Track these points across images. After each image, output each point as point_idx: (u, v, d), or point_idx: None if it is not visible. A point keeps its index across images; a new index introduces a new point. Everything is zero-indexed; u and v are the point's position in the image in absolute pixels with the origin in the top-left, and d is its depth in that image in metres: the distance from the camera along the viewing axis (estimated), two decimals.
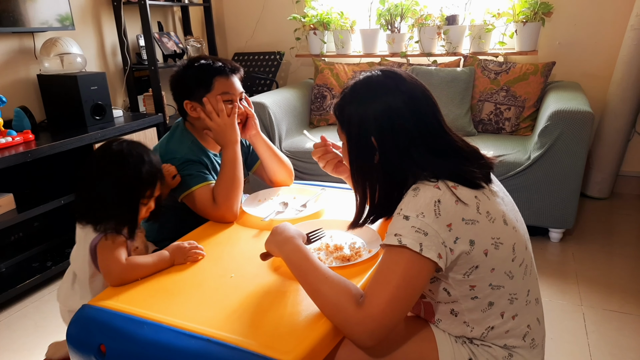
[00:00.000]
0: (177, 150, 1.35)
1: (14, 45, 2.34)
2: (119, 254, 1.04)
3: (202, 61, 1.36)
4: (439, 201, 0.82)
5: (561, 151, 2.13)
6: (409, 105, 0.89)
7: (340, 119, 0.96)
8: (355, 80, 0.95)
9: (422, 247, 0.80)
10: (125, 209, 1.07)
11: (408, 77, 0.93)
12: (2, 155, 1.89)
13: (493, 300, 0.88)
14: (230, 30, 3.66)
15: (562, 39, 2.77)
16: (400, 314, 0.82)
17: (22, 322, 1.89)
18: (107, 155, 1.09)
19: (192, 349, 0.80)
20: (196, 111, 1.36)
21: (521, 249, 0.90)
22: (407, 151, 0.89)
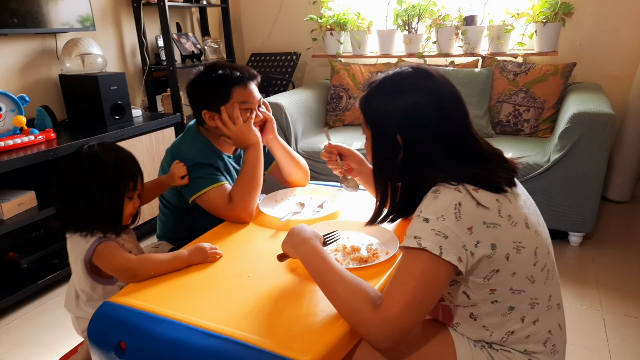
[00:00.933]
0: (188, 153, 1.36)
1: (36, 46, 2.39)
2: (123, 252, 1.06)
3: (220, 71, 1.34)
4: (460, 204, 0.81)
5: (581, 153, 2.09)
6: (436, 105, 0.88)
7: (366, 113, 0.95)
8: (384, 75, 0.94)
9: (442, 250, 0.79)
10: (112, 206, 1.07)
11: (438, 76, 0.92)
12: (25, 153, 1.93)
13: (513, 305, 0.87)
14: (247, 30, 3.68)
15: (582, 39, 2.73)
16: (417, 317, 0.81)
17: (41, 317, 1.92)
18: (82, 159, 1.08)
19: (210, 347, 0.81)
20: (214, 120, 1.36)
21: (543, 253, 0.89)
22: (430, 151, 0.88)
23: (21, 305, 2.00)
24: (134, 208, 1.14)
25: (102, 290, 1.12)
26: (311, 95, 3.02)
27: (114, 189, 1.08)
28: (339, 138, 2.72)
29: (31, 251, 2.21)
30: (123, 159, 1.12)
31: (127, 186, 1.10)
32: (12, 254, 2.18)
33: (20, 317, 1.93)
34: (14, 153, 1.93)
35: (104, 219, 1.07)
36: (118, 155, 1.12)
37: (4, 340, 1.79)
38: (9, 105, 2.07)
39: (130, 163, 1.13)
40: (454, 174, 0.86)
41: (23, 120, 2.06)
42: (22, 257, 2.16)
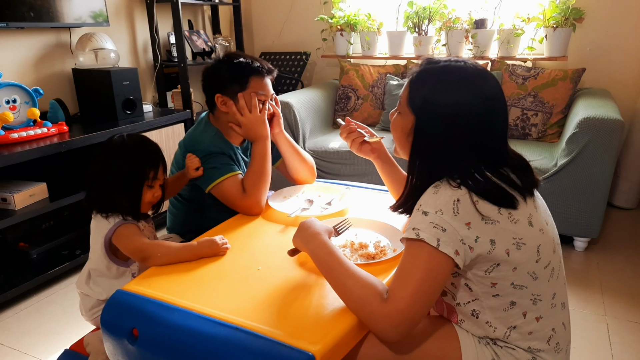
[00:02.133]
0: (201, 143, 1.38)
1: (51, 40, 2.43)
2: (140, 236, 1.12)
3: (241, 59, 1.38)
4: (458, 200, 0.83)
5: (589, 159, 2.10)
6: (487, 110, 0.88)
7: (415, 91, 0.93)
8: (447, 63, 0.92)
9: (439, 242, 0.82)
10: (131, 192, 1.13)
11: (495, 80, 0.92)
12: (38, 145, 1.96)
13: (515, 300, 0.89)
14: (258, 29, 3.70)
15: (592, 45, 2.73)
16: (425, 307, 0.83)
17: (51, 307, 1.95)
18: (110, 147, 1.16)
19: (221, 335, 0.83)
20: (226, 105, 1.38)
21: (547, 251, 0.90)
22: (466, 149, 0.88)
23: (31, 294, 2.03)
24: (153, 197, 1.19)
25: (115, 271, 1.16)
26: (320, 95, 3.04)
27: (134, 176, 1.13)
28: None
29: (41, 242, 2.24)
30: (146, 149, 1.17)
31: (147, 175, 1.15)
32: (22, 244, 2.21)
33: (30, 307, 1.96)
34: (27, 144, 1.97)
35: (123, 203, 1.13)
36: (142, 145, 1.18)
37: (14, 329, 1.82)
38: (24, 97, 2.10)
39: (153, 153, 1.18)
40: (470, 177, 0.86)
41: (37, 113, 2.09)
42: (32, 248, 2.19)
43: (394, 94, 2.87)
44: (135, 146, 1.16)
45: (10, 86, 2.05)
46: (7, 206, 1.96)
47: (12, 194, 1.95)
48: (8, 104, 2.05)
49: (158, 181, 1.18)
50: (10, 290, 1.92)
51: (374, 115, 3.04)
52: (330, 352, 0.80)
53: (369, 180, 2.38)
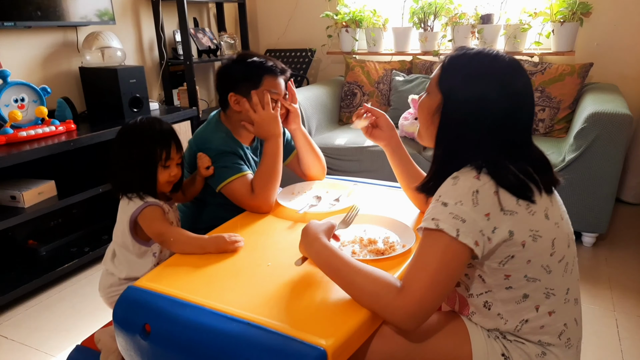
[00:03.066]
0: (212, 141, 1.38)
1: (58, 39, 2.44)
2: (163, 219, 1.18)
3: (255, 58, 1.38)
4: (477, 191, 0.83)
5: (597, 154, 2.09)
6: (513, 103, 0.88)
7: (445, 74, 0.93)
8: (480, 51, 0.92)
9: (458, 232, 0.82)
10: (145, 172, 1.19)
11: (525, 75, 0.91)
12: (46, 143, 1.97)
13: (528, 293, 0.89)
14: (263, 26, 3.70)
15: (600, 39, 2.71)
16: (440, 297, 0.84)
17: (60, 304, 1.97)
18: (125, 129, 1.23)
19: (233, 331, 0.83)
20: (239, 104, 1.38)
21: (562, 245, 0.90)
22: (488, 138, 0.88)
23: (40, 291, 2.05)
24: (170, 176, 1.23)
25: (138, 250, 1.20)
26: (325, 91, 3.04)
27: (146, 158, 1.19)
28: (351, 135, 2.74)
29: (50, 239, 2.26)
30: (156, 131, 1.21)
31: (160, 156, 1.20)
32: (31, 241, 2.23)
33: (40, 303, 1.97)
34: (35, 143, 1.98)
35: (139, 184, 1.19)
36: (152, 127, 1.22)
37: (24, 325, 1.83)
38: (32, 96, 2.11)
39: (163, 134, 1.22)
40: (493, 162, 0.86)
41: (45, 111, 2.11)
42: (41, 245, 2.21)
43: (400, 90, 2.87)
44: (145, 129, 1.21)
45: (18, 85, 2.06)
46: (16, 204, 1.98)
47: (21, 191, 1.97)
48: (16, 103, 2.06)
49: (172, 161, 1.23)
50: (20, 287, 1.93)
51: None
52: (342, 347, 0.80)
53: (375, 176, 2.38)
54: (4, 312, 1.91)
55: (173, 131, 1.25)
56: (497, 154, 0.88)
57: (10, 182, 2.08)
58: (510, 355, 0.91)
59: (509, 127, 0.89)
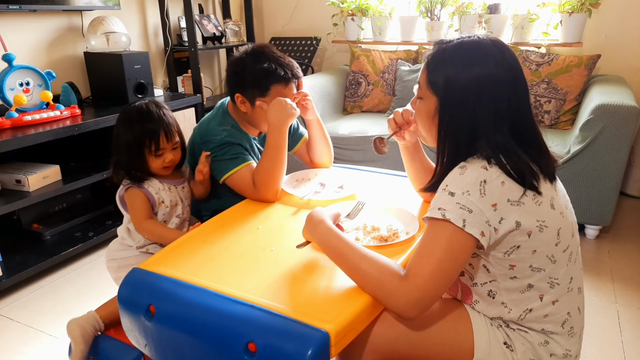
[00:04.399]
0: (217, 132, 1.37)
1: (63, 23, 2.43)
2: (140, 207, 1.25)
3: (265, 64, 1.31)
4: (485, 181, 0.83)
5: (603, 146, 2.08)
6: (511, 79, 0.87)
7: (435, 72, 0.92)
8: (460, 40, 0.91)
9: (465, 223, 0.82)
10: (133, 157, 1.24)
11: (510, 49, 0.91)
12: (51, 127, 1.98)
13: (533, 283, 0.89)
14: (268, 14, 3.68)
15: (608, 31, 2.68)
16: (443, 286, 0.84)
17: (65, 287, 1.99)
18: (121, 113, 1.29)
19: (237, 313, 0.84)
20: (245, 106, 1.37)
21: (567, 235, 0.90)
22: (496, 123, 0.87)
23: (45, 275, 2.07)
24: (165, 162, 1.28)
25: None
26: (330, 80, 3.02)
27: (133, 144, 1.24)
28: (356, 124, 2.73)
29: (54, 224, 2.27)
30: (147, 120, 1.25)
31: (149, 146, 1.24)
32: (36, 225, 2.24)
33: (45, 286, 1.99)
34: (40, 127, 1.98)
35: (127, 165, 1.26)
36: (143, 116, 1.26)
37: (29, 308, 1.85)
38: (37, 80, 2.11)
39: (155, 124, 1.25)
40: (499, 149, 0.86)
41: (50, 96, 2.11)
42: (46, 229, 2.22)
43: (405, 80, 2.85)
44: (135, 115, 1.25)
45: (23, 69, 2.06)
46: (21, 188, 1.99)
47: (26, 175, 1.98)
48: (22, 87, 2.06)
49: (165, 150, 1.27)
50: (26, 270, 1.95)
51: (384, 101, 3.02)
52: (344, 330, 0.81)
53: (379, 165, 2.38)
54: (10, 295, 1.93)
55: (163, 120, 1.26)
56: (505, 141, 0.87)
57: (16, 166, 2.08)
58: (512, 344, 0.91)
59: (513, 107, 0.88)
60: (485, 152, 0.86)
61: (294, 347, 0.77)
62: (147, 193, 1.27)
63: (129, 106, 1.28)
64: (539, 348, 0.91)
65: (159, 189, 1.29)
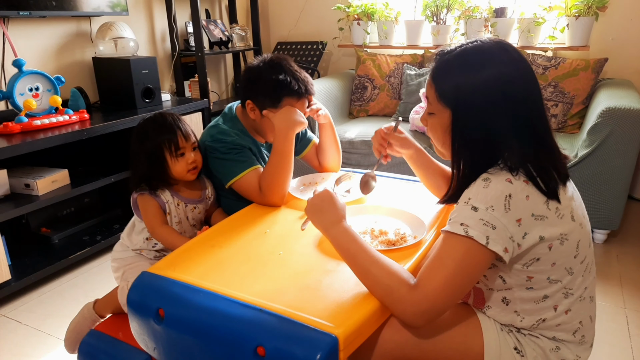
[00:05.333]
0: (228, 134, 1.38)
1: (72, 29, 2.46)
2: (152, 213, 1.29)
3: (280, 76, 1.32)
4: (510, 196, 0.81)
5: (610, 150, 2.07)
6: (521, 75, 0.85)
7: (443, 85, 0.89)
8: (463, 47, 0.89)
9: (488, 240, 0.80)
10: (153, 164, 1.28)
11: (513, 46, 0.89)
12: (60, 132, 1.99)
13: (548, 294, 0.88)
14: (275, 19, 3.70)
15: (616, 34, 2.67)
16: (454, 299, 0.83)
17: (72, 290, 2.00)
18: (136, 127, 1.33)
19: (245, 317, 0.84)
20: (254, 113, 1.38)
21: (585, 245, 0.89)
22: (511, 128, 0.84)
23: (53, 278, 2.08)
24: (188, 164, 1.30)
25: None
26: (336, 84, 3.03)
27: (154, 149, 1.27)
28: (362, 128, 2.73)
29: (63, 227, 2.29)
30: (161, 123, 1.29)
31: (168, 146, 1.27)
32: (44, 229, 2.26)
33: (52, 290, 2.00)
34: (49, 131, 2.00)
35: (148, 176, 1.29)
36: (158, 120, 1.30)
37: (38, 311, 1.86)
38: (46, 85, 2.13)
39: (169, 125, 1.29)
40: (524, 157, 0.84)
41: (59, 101, 2.13)
42: (54, 233, 2.24)
43: (411, 84, 2.85)
44: (149, 124, 1.30)
45: (33, 74, 2.08)
46: (30, 192, 2.01)
47: (35, 180, 2.00)
48: (31, 92, 2.08)
49: (185, 149, 1.29)
50: (34, 273, 1.96)
51: (390, 105, 3.02)
52: (353, 334, 0.81)
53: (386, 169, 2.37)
54: (18, 298, 1.95)
55: (177, 121, 1.30)
56: (527, 147, 0.84)
57: (25, 170, 2.10)
58: (523, 349, 0.91)
59: (529, 105, 0.85)
60: (510, 161, 0.84)
61: (303, 351, 0.77)
62: (159, 201, 1.30)
63: (141, 121, 1.33)
64: (550, 354, 0.90)
65: (168, 201, 1.32)
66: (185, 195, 1.35)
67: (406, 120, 2.74)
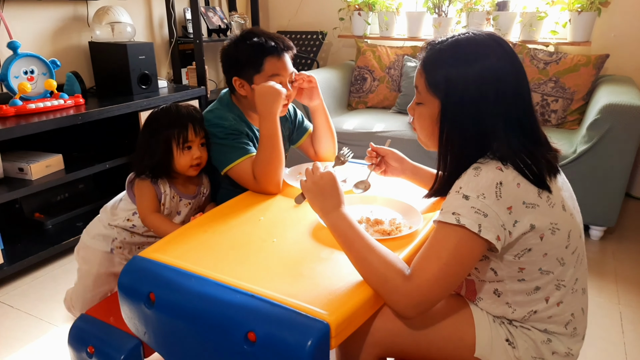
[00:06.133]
0: (227, 118, 1.36)
1: (68, 12, 2.42)
2: (148, 200, 1.28)
3: (255, 39, 1.32)
4: (501, 183, 0.80)
5: (609, 146, 2.06)
6: (514, 70, 0.85)
7: (434, 75, 0.88)
8: (455, 38, 0.88)
9: (480, 228, 0.79)
10: (158, 154, 1.26)
11: (504, 40, 0.88)
12: (55, 116, 1.97)
13: (540, 285, 0.87)
14: (274, 7, 3.66)
15: (617, 30, 2.65)
16: (447, 290, 0.83)
17: (65, 275, 1.99)
18: (148, 117, 1.33)
19: (237, 302, 0.83)
20: (244, 89, 1.36)
21: (576, 236, 0.88)
22: (501, 120, 0.84)
23: (46, 263, 2.07)
24: (192, 159, 1.29)
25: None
26: (335, 75, 3.01)
27: (161, 140, 1.26)
28: (361, 120, 2.71)
29: (56, 213, 2.27)
30: (174, 114, 1.28)
31: (177, 138, 1.26)
32: (38, 214, 2.24)
33: (45, 275, 1.99)
34: (44, 115, 1.98)
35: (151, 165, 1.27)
36: (171, 111, 1.29)
37: (30, 295, 1.85)
38: (41, 68, 2.10)
39: (182, 117, 1.28)
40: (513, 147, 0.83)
41: (54, 84, 2.10)
42: (48, 219, 2.22)
43: (411, 76, 2.83)
44: (161, 114, 1.29)
45: (28, 57, 2.05)
46: (24, 176, 1.99)
47: (28, 164, 1.97)
48: (26, 75, 2.06)
49: (192, 143, 1.28)
50: (27, 258, 1.95)
51: (389, 97, 3.00)
52: (345, 322, 0.80)
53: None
54: (11, 282, 1.93)
55: (191, 114, 1.29)
56: (517, 139, 0.84)
57: (19, 154, 2.08)
58: (514, 341, 0.90)
59: (519, 100, 0.85)
60: (500, 152, 0.83)
61: (294, 337, 0.76)
62: (157, 190, 1.29)
63: (156, 109, 1.32)
64: (541, 346, 0.90)
65: (165, 192, 1.31)
66: (181, 189, 1.35)
67: (403, 112, 2.73)
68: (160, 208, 1.32)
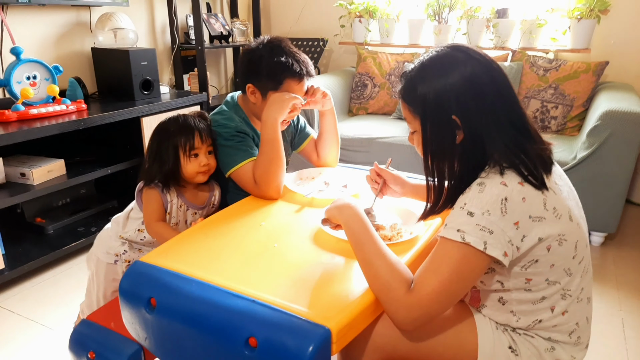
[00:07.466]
0: (233, 119, 1.37)
1: (71, 18, 2.44)
2: (154, 208, 1.28)
3: (282, 58, 1.31)
4: (506, 199, 0.79)
5: (609, 153, 2.06)
6: (487, 74, 0.85)
7: (411, 101, 0.90)
8: (420, 61, 0.90)
9: (486, 245, 0.78)
10: (166, 162, 1.27)
11: (475, 48, 0.89)
12: (57, 121, 1.98)
13: (546, 295, 0.87)
14: (276, 14, 3.68)
15: (617, 38, 2.67)
16: (447, 305, 0.82)
17: (67, 280, 1.99)
18: (156, 126, 1.33)
19: (238, 307, 0.83)
20: (255, 96, 1.36)
21: (582, 246, 0.88)
22: (491, 124, 0.84)
23: (47, 268, 2.07)
24: (200, 166, 1.29)
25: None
26: (336, 81, 3.02)
27: (169, 147, 1.27)
28: (361, 126, 2.72)
29: (57, 218, 2.27)
30: (182, 122, 1.29)
31: (184, 145, 1.27)
32: (39, 219, 2.24)
33: (46, 280, 1.99)
34: (46, 121, 1.98)
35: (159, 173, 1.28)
36: (178, 120, 1.31)
37: (30, 300, 1.85)
38: (44, 74, 2.11)
39: (189, 124, 1.29)
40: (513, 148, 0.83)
41: (56, 90, 2.11)
42: (49, 223, 2.22)
43: None
44: (169, 123, 1.30)
45: (31, 62, 2.06)
46: (25, 181, 1.99)
47: (30, 169, 1.98)
48: (29, 80, 2.07)
49: (199, 150, 1.29)
50: (28, 263, 1.95)
51: (390, 103, 3.01)
52: (346, 327, 0.80)
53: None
54: (11, 287, 1.93)
55: (198, 122, 1.30)
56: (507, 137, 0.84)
57: (21, 159, 2.09)
58: (517, 348, 0.90)
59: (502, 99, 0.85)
60: (498, 156, 0.83)
61: (295, 342, 0.76)
62: (164, 198, 1.30)
63: (164, 119, 1.33)
64: (544, 354, 0.90)
65: (172, 201, 1.31)
66: (190, 199, 1.34)
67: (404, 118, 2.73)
68: (166, 217, 1.31)
